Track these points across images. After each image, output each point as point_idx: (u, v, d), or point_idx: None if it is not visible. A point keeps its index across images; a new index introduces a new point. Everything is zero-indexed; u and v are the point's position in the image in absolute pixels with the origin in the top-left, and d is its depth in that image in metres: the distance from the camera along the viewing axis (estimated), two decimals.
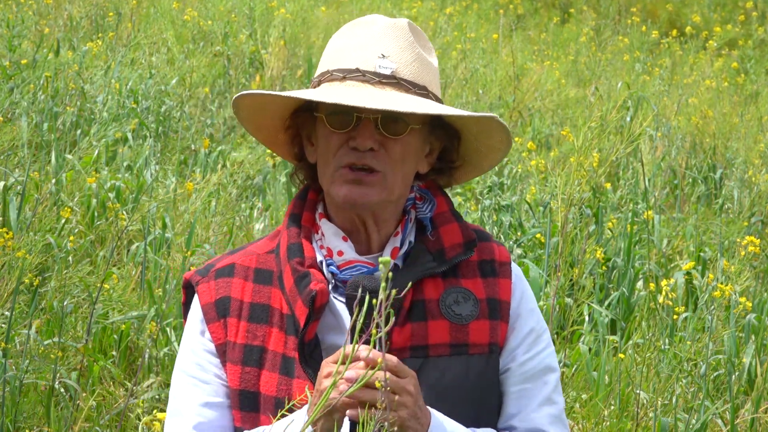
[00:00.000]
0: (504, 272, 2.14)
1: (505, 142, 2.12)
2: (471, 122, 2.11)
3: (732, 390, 4.38)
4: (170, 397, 2.13)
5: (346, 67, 2.06)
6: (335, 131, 2.05)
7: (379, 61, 2.05)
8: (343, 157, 2.04)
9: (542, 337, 2.15)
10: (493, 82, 9.66)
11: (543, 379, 2.13)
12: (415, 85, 2.06)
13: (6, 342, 3.95)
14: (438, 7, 12.99)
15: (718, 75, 10.99)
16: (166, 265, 5.23)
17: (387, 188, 2.06)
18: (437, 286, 2.09)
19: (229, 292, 2.11)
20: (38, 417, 4.16)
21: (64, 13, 9.95)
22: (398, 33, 2.09)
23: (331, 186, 2.06)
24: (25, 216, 5.29)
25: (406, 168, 2.08)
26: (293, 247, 2.09)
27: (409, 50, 2.08)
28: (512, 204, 6.11)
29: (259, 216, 6.44)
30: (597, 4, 14.93)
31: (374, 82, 2.04)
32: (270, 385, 2.05)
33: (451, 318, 2.08)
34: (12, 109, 7.08)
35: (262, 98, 2.10)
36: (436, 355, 2.06)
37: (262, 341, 2.07)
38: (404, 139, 2.05)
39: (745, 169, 7.98)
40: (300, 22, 10.16)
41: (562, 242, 3.95)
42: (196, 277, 2.15)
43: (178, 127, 7.80)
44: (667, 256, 6.37)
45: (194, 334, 2.12)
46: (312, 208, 2.15)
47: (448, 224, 2.14)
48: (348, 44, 2.09)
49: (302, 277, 2.05)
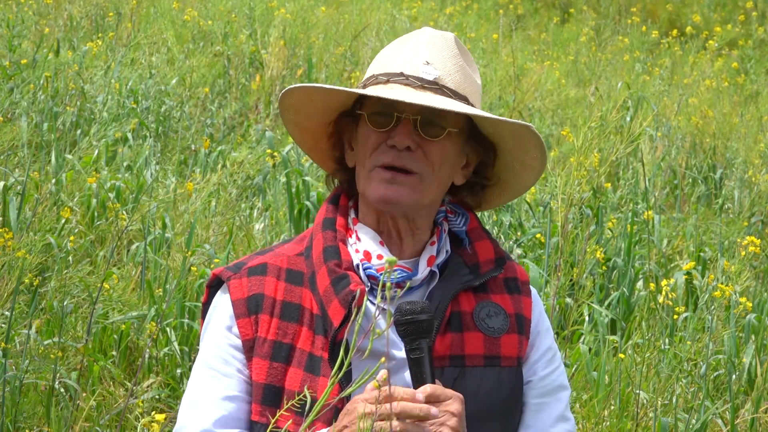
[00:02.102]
0: (526, 291, 2.23)
1: (539, 160, 2.17)
2: (507, 135, 2.15)
3: (732, 390, 4.38)
4: (188, 389, 2.15)
5: (391, 71, 2.12)
6: (375, 130, 2.10)
7: (424, 68, 2.11)
8: (380, 156, 2.09)
9: (557, 356, 2.23)
10: (493, 82, 9.66)
11: (557, 395, 2.20)
12: (456, 94, 2.12)
13: (6, 342, 3.95)
14: (438, 7, 12.99)
15: (718, 75, 10.99)
16: (166, 265, 5.23)
17: (421, 191, 2.10)
18: (470, 299, 2.15)
19: (263, 290, 2.13)
20: (38, 417, 4.16)
21: (64, 13, 9.95)
22: (444, 44, 2.16)
23: (367, 185, 2.11)
24: (25, 216, 5.29)
25: (443, 174, 2.12)
26: (330, 249, 2.13)
27: (453, 61, 2.14)
28: (512, 204, 6.11)
29: (259, 216, 6.44)
30: (597, 4, 14.92)
31: (416, 85, 2.09)
32: (295, 380, 2.09)
33: (484, 330, 2.14)
34: (12, 109, 7.08)
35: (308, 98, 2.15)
36: (472, 366, 2.12)
37: (292, 339, 2.11)
38: (442, 142, 2.10)
39: (745, 169, 7.98)
40: (300, 22, 10.16)
41: (562, 242, 3.95)
42: (227, 273, 2.17)
43: (178, 127, 7.80)
44: (667, 256, 6.37)
45: (220, 328, 2.14)
46: (345, 213, 2.20)
47: (482, 240, 2.20)
48: (395, 52, 2.16)
49: (340, 278, 2.08)
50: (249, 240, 5.86)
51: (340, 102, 2.16)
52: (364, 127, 2.12)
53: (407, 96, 2.05)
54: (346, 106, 2.17)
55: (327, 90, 2.12)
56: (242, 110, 8.78)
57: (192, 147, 7.44)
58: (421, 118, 2.08)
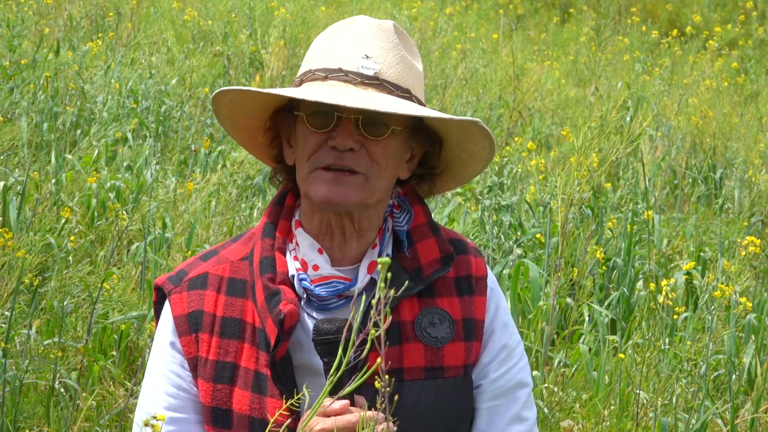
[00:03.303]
0: (480, 288, 2.10)
1: (488, 150, 2.07)
2: (454, 128, 2.07)
3: (732, 390, 4.38)
4: (138, 406, 2.09)
5: (329, 66, 2.02)
6: (315, 131, 2.00)
7: (363, 62, 2.01)
8: (321, 157, 2.00)
9: (515, 352, 2.12)
10: (493, 82, 9.65)
11: (514, 395, 2.10)
12: (399, 88, 2.02)
13: (6, 342, 3.95)
14: (438, 7, 12.99)
15: (718, 75, 10.99)
16: (166, 265, 5.23)
17: (367, 190, 2.01)
18: (413, 306, 2.05)
19: (202, 306, 2.06)
20: (38, 417, 4.16)
21: (64, 13, 9.95)
22: (383, 34, 2.05)
23: (309, 186, 2.02)
24: (25, 216, 5.29)
25: (388, 172, 2.03)
26: (265, 261, 2.04)
27: (393, 52, 2.04)
28: (512, 204, 6.11)
29: (259, 216, 6.44)
30: (597, 4, 14.92)
31: (356, 82, 2.00)
32: (243, 403, 2.02)
33: (426, 341, 2.04)
34: (12, 109, 7.08)
35: (241, 96, 2.05)
36: (411, 379, 2.03)
37: (234, 357, 2.03)
38: (385, 141, 2.01)
39: (745, 169, 7.98)
40: (300, 22, 10.16)
41: (562, 242, 3.95)
42: (169, 286, 2.10)
43: (178, 127, 7.80)
44: (667, 256, 6.37)
45: (164, 345, 2.08)
46: (289, 215, 2.11)
47: (425, 239, 2.08)
48: (331, 44, 2.06)
49: (273, 295, 2.00)
50: None
51: (276, 99, 2.07)
52: (303, 128, 2.02)
53: (348, 97, 1.95)
54: (283, 101, 2.07)
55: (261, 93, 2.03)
56: None
57: (192, 147, 7.44)
58: (363, 117, 1.99)
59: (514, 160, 7.21)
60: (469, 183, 7.05)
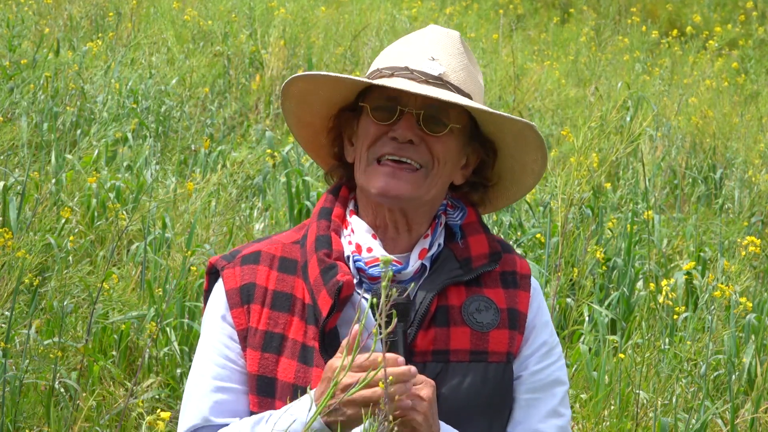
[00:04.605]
0: (524, 285, 2.18)
1: (540, 163, 2.16)
2: (509, 134, 2.14)
3: (732, 390, 4.38)
4: (189, 378, 2.16)
5: (396, 65, 2.11)
6: (378, 123, 2.09)
7: (429, 63, 2.10)
8: (381, 147, 2.08)
9: (554, 350, 2.19)
10: (493, 82, 9.65)
11: (551, 391, 2.17)
12: (461, 90, 2.11)
13: (6, 342, 3.95)
14: (438, 7, 12.99)
15: (718, 75, 10.99)
16: (166, 265, 5.23)
17: (424, 186, 2.09)
18: (460, 293, 2.12)
19: (255, 279, 2.14)
20: (38, 417, 4.16)
21: (64, 13, 9.95)
22: (450, 41, 2.15)
23: (367, 178, 2.10)
24: (25, 216, 5.29)
25: (446, 170, 2.11)
26: (322, 238, 2.12)
27: (458, 59, 2.13)
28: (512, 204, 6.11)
29: (259, 216, 6.44)
30: (597, 4, 14.92)
31: (421, 80, 2.08)
32: (288, 372, 2.08)
33: (472, 325, 2.11)
34: (12, 109, 7.08)
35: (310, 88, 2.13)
36: (457, 361, 2.09)
37: (283, 329, 2.10)
38: (444, 138, 2.09)
39: (745, 169, 7.98)
40: (300, 22, 10.16)
41: (562, 242, 3.95)
42: (222, 262, 2.17)
43: (178, 127, 7.80)
44: (667, 256, 6.37)
45: (216, 318, 2.14)
46: (344, 204, 2.19)
47: (477, 234, 2.17)
48: (401, 47, 2.15)
49: (329, 269, 2.07)
50: (249, 240, 5.86)
51: (342, 96, 2.15)
52: (366, 120, 2.11)
53: (412, 87, 2.04)
54: (348, 100, 2.16)
55: (332, 80, 2.11)
56: (242, 110, 8.78)
57: (192, 147, 7.44)
58: (424, 112, 2.07)
59: None
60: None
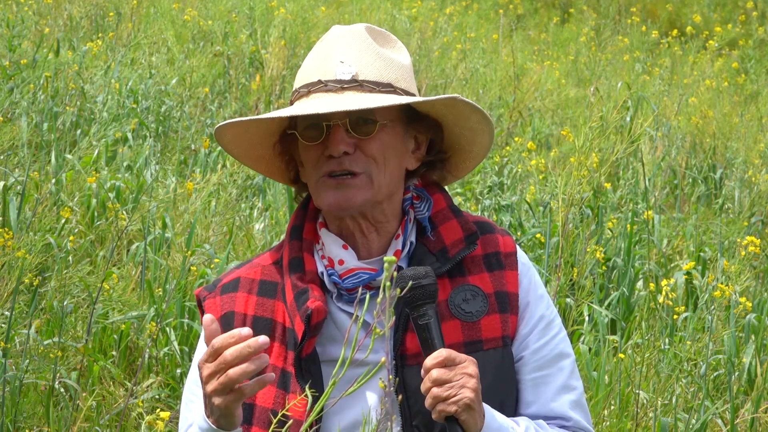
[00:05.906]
0: (510, 263, 2.15)
1: (483, 122, 2.13)
2: (442, 110, 2.13)
3: (732, 390, 4.38)
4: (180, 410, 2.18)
5: (310, 81, 2.10)
6: (311, 144, 2.08)
7: (339, 68, 2.09)
8: (322, 167, 2.07)
9: (553, 323, 2.16)
10: (493, 82, 9.66)
11: (558, 365, 2.14)
12: (379, 84, 2.09)
13: (6, 342, 3.95)
14: (438, 7, 12.99)
15: (718, 75, 10.99)
16: (166, 265, 5.23)
17: (372, 188, 2.08)
18: (444, 286, 2.11)
19: (233, 307, 2.14)
20: (38, 417, 4.16)
21: (64, 13, 9.95)
22: (355, 38, 2.12)
23: (317, 196, 2.10)
24: (25, 216, 5.29)
25: (390, 166, 2.10)
26: (294, 261, 2.12)
27: (367, 51, 2.11)
28: (512, 204, 6.12)
29: (259, 216, 6.44)
30: (597, 4, 14.92)
31: (336, 89, 2.07)
32: (267, 397, 2.08)
33: (461, 317, 2.09)
34: (12, 109, 7.08)
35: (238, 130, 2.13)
36: None
37: None
38: (377, 137, 2.08)
39: (745, 169, 7.99)
40: (300, 22, 10.16)
41: (562, 242, 3.95)
42: (204, 293, 2.20)
43: (178, 127, 7.80)
44: (667, 256, 6.37)
45: (201, 346, 2.14)
46: (313, 217, 2.18)
47: (447, 221, 2.15)
48: (311, 60, 2.14)
49: (301, 293, 2.08)
50: (249, 240, 5.86)
51: (275, 125, 2.15)
52: (302, 144, 2.11)
53: (324, 105, 2.03)
54: (284, 125, 2.15)
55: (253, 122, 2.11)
56: (242, 110, 8.78)
57: (192, 147, 7.44)
58: (350, 120, 2.06)
59: (514, 160, 7.21)
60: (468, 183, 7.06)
